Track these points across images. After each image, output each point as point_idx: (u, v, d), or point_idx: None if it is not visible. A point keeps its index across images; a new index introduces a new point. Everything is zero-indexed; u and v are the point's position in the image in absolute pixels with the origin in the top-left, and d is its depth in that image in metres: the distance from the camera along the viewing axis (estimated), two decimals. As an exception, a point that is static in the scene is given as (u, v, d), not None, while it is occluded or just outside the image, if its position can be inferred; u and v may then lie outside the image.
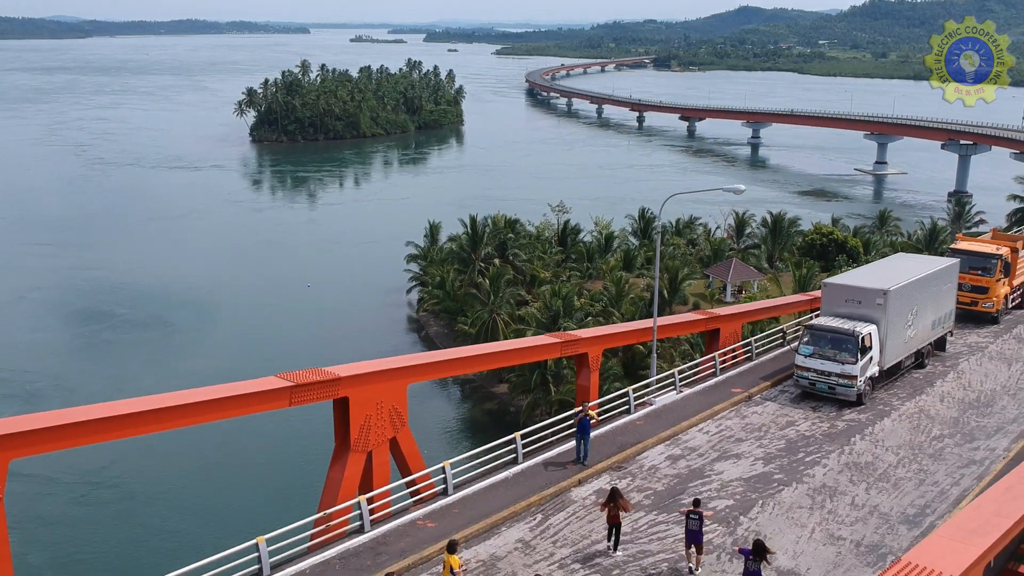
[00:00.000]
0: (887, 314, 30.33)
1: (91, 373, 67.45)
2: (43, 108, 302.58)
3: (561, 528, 21.49)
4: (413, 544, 19.98)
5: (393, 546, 19.83)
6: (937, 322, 34.44)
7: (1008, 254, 40.41)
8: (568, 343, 26.86)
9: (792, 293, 60.00)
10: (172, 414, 18.18)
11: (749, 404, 30.04)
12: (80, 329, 78.78)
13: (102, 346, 74.75)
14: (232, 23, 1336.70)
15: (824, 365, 29.77)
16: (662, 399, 29.26)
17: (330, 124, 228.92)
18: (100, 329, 78.60)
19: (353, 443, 20.58)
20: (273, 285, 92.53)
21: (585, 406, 24.61)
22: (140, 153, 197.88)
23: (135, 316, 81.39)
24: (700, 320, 33.53)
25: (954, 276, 35.81)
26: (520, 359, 33.46)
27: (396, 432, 21.62)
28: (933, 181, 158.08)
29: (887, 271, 33.56)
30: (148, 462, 48.49)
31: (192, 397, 18.54)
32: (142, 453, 47.89)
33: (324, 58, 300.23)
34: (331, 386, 20.11)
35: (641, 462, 25.20)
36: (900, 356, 31.89)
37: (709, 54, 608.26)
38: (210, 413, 18.75)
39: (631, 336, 31.12)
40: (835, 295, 31.52)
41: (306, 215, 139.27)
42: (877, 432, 27.87)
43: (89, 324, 79.59)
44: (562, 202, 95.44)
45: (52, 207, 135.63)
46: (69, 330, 78.89)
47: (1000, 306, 40.11)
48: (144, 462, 48.63)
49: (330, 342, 73.19)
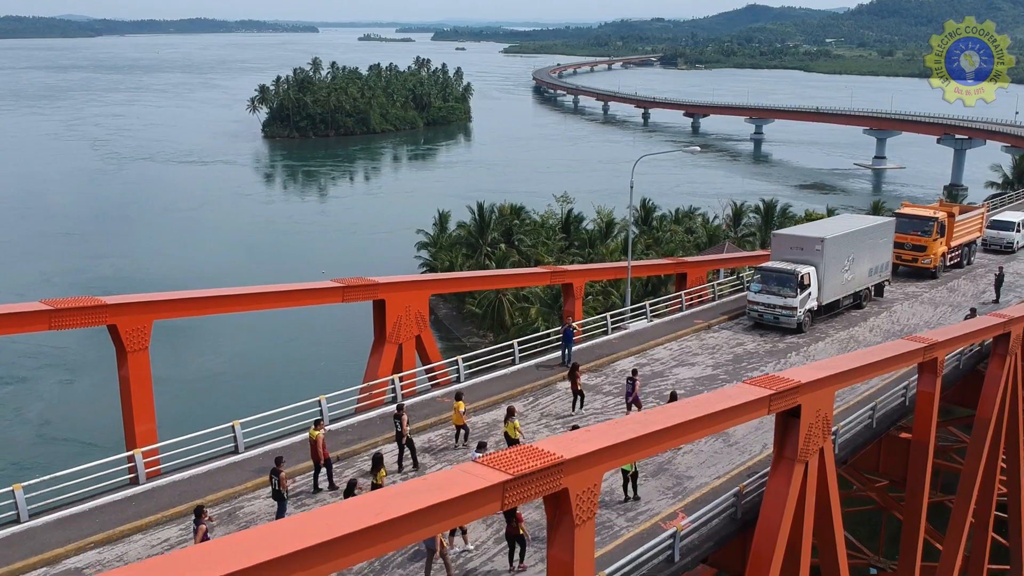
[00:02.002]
0: (824, 259, 36.49)
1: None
2: (60, 105, 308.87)
3: (547, 406, 27.74)
4: (433, 411, 26.24)
5: (419, 412, 26.06)
6: (874, 270, 40.57)
7: (945, 219, 46.53)
8: (556, 273, 33.09)
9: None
10: (263, 299, 24.73)
11: (708, 331, 36.28)
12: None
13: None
14: (241, 22, 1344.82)
15: (770, 299, 35.95)
16: (635, 325, 35.52)
17: (341, 120, 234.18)
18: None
19: (388, 336, 26.84)
20: (287, 272, 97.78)
21: (569, 320, 30.82)
22: (155, 148, 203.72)
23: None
24: (670, 264, 39.87)
25: (890, 233, 41.91)
26: (517, 283, 40.07)
27: (420, 331, 27.89)
28: (930, 175, 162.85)
29: (829, 225, 39.82)
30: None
31: (276, 288, 25.01)
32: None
33: (333, 56, 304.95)
34: (373, 290, 26.38)
35: (613, 367, 31.43)
36: (838, 295, 38.05)
37: (716, 52, 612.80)
38: (289, 300, 25.33)
39: (609, 272, 37.38)
40: (782, 243, 37.74)
41: (318, 207, 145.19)
42: (811, 351, 34.04)
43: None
44: (566, 193, 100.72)
45: (72, 198, 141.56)
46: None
47: (938, 263, 46.25)
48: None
49: (347, 323, 78.36)
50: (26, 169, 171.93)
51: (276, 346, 74.37)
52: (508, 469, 12.41)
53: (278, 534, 10.38)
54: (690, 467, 23.39)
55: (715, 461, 23.76)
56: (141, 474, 20.32)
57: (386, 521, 10.76)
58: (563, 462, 13.01)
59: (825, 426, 19.62)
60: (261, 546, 9.87)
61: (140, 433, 21.30)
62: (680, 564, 18.48)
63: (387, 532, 10.82)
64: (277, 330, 75.81)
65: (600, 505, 20.54)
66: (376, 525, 10.65)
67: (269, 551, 9.77)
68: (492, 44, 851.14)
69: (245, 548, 9.86)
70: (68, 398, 65.32)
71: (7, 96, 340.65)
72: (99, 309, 20.38)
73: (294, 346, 74.52)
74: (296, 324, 76.47)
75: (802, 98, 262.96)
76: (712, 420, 16.67)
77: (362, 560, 11.17)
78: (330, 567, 10.25)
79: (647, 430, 14.90)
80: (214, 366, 70.94)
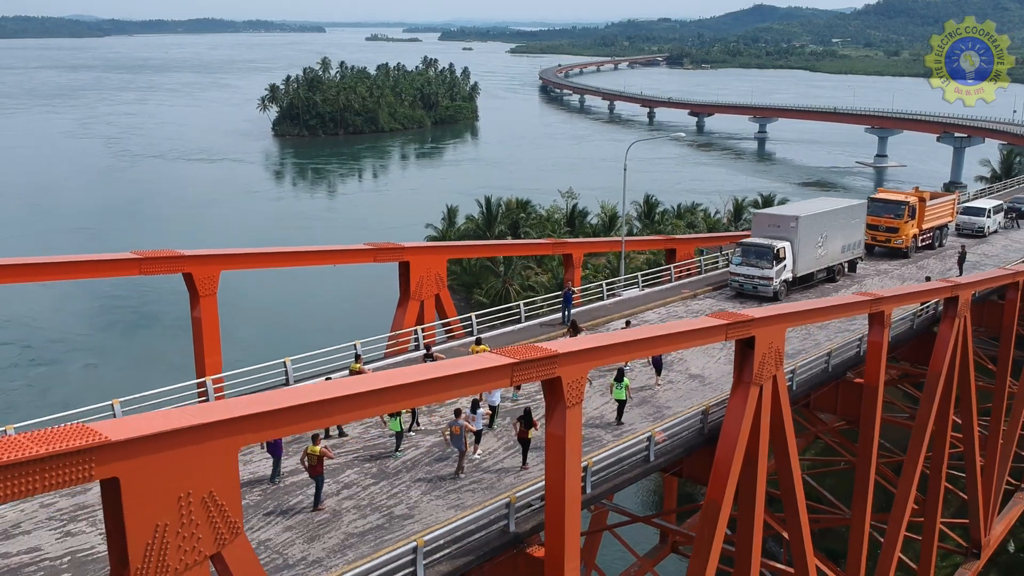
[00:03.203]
0: (798, 235, 40.68)
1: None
2: (74, 103, 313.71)
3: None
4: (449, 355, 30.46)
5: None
6: (847, 248, 44.78)
7: (916, 203, 50.70)
8: (558, 244, 37.36)
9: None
10: (309, 256, 29.44)
11: (694, 299, 40.52)
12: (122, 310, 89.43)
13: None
14: (248, 22, 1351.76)
15: (749, 271, 40.17)
16: (627, 293, 39.75)
17: (350, 119, 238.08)
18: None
19: (412, 294, 31.12)
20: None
21: (569, 284, 35.08)
22: (167, 146, 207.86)
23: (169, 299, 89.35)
24: (660, 240, 44.21)
25: (861, 214, 46.11)
26: (522, 252, 44.31)
27: (439, 290, 32.14)
28: (931, 173, 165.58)
29: (804, 206, 44.11)
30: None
31: (320, 248, 29.54)
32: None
33: (341, 56, 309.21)
34: (399, 252, 30.66)
35: (608, 327, 35.64)
36: (811, 268, 42.26)
37: (722, 52, 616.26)
38: (331, 259, 29.90)
39: (606, 246, 41.67)
40: (761, 221, 41.99)
41: (327, 203, 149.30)
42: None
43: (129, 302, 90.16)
44: (571, 188, 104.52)
45: (86, 195, 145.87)
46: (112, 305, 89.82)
47: (909, 243, 50.42)
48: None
49: (361, 310, 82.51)
50: (44, 166, 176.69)
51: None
52: (515, 356, 16.64)
53: (342, 386, 14.52)
54: (669, 400, 27.59)
55: (691, 396, 27.94)
56: (211, 397, 24.57)
57: (431, 379, 15.08)
58: (557, 355, 17.21)
59: (777, 357, 23.76)
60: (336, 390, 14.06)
61: (209, 364, 25.65)
62: (654, 463, 22.70)
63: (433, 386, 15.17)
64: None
65: (592, 426, 24.90)
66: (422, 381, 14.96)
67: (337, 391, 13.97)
68: (499, 44, 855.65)
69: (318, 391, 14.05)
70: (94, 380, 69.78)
71: (21, 95, 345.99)
72: (178, 259, 24.70)
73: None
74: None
75: (806, 97, 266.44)
76: (680, 338, 20.93)
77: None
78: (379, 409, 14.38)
79: (623, 339, 19.13)
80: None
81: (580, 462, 18.21)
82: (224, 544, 12.32)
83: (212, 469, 11.96)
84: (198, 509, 11.89)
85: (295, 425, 13.40)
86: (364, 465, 22.16)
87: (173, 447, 11.47)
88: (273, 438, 17.87)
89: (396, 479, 21.44)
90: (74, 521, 18.88)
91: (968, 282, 35.12)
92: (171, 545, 11.67)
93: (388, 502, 20.22)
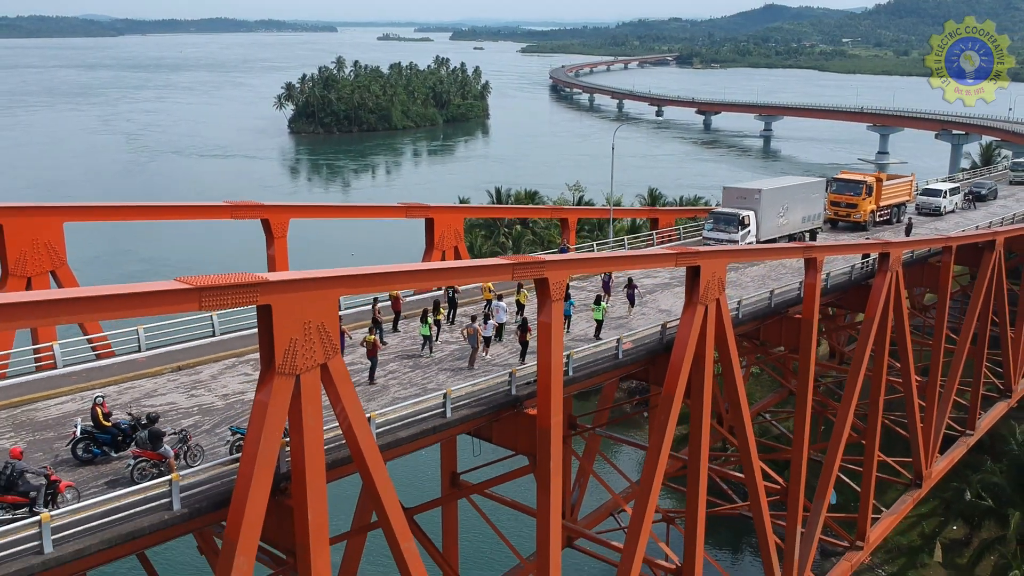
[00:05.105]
0: (761, 206, 47.77)
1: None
2: (95, 101, 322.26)
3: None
4: (465, 294, 37.70)
5: (462, 296, 37.54)
6: (807, 218, 51.86)
7: (873, 182, 57.71)
8: (556, 209, 44.53)
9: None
10: (352, 211, 36.57)
11: (672, 260, 47.60)
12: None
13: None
14: (260, 21, 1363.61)
15: (719, 235, 47.26)
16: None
17: (364, 117, 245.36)
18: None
19: (435, 244, 38.32)
20: (310, 258, 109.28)
21: (564, 242, 42.27)
22: (185, 143, 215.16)
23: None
24: (644, 210, 51.31)
25: (820, 190, 53.23)
26: (528, 215, 52.66)
27: (457, 243, 39.28)
28: (930, 169, 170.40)
29: (768, 181, 51.23)
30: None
31: (362, 204, 36.70)
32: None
33: (353, 55, 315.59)
34: (426, 210, 37.86)
35: (595, 279, 42.80)
36: (774, 235, 49.33)
37: (731, 52, 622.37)
38: (370, 213, 37.08)
39: (596, 212, 48.93)
40: (731, 194, 49.11)
41: (341, 197, 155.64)
42: (747, 272, 45.25)
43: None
44: (578, 182, 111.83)
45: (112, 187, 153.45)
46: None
47: (867, 218, 57.39)
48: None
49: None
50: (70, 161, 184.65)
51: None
52: (515, 260, 23.85)
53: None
54: (639, 326, 34.67)
55: (657, 321, 35.02)
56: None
57: (456, 267, 22.31)
58: (545, 262, 24.38)
59: (720, 285, 30.78)
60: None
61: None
62: (621, 360, 29.86)
63: (458, 273, 22.33)
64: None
65: (578, 341, 32.02)
66: (452, 268, 22.17)
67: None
68: (510, 43, 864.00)
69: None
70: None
71: (43, 93, 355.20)
72: (258, 207, 31.99)
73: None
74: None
75: (812, 97, 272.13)
76: (639, 260, 28.17)
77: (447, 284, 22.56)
78: (439, 281, 21.60)
79: (595, 256, 26.32)
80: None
81: (563, 340, 25.34)
82: (329, 358, 19.49)
83: (324, 308, 19.12)
84: (314, 332, 19.03)
85: (369, 287, 20.68)
86: (403, 360, 29.37)
87: (303, 290, 18.66)
88: (356, 294, 24.89)
89: (427, 369, 28.62)
90: (195, 388, 26.14)
91: (899, 241, 42.14)
92: (299, 353, 18.82)
93: (422, 381, 27.43)
